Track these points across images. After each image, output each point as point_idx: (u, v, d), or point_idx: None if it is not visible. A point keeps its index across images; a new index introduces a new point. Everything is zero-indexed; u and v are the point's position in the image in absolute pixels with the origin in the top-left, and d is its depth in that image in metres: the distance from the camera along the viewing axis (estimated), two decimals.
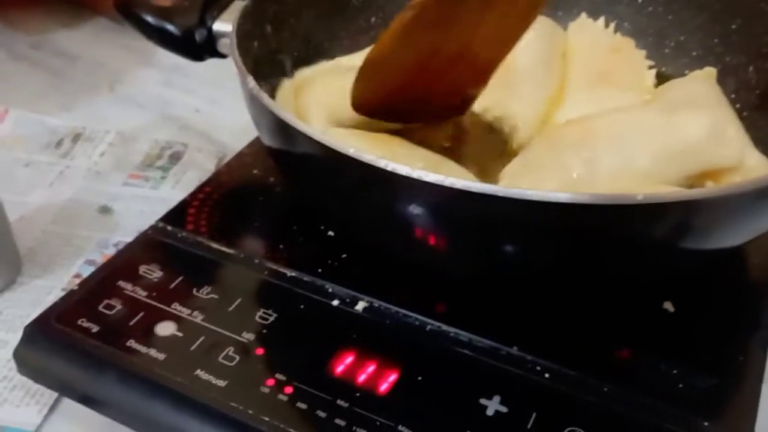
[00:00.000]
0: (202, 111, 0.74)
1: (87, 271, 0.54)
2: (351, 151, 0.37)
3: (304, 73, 0.57)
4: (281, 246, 0.49)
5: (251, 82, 0.43)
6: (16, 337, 0.46)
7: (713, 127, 0.46)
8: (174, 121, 0.73)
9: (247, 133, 0.59)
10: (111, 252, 0.56)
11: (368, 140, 0.46)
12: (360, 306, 0.45)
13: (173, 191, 0.63)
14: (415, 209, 0.39)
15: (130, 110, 0.74)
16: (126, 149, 0.68)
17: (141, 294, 0.46)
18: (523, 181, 0.47)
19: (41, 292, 0.54)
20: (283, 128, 0.41)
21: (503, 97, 0.54)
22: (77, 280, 0.49)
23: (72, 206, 0.62)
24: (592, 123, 0.48)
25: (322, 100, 0.52)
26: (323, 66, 0.58)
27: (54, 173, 0.65)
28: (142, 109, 0.74)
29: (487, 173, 0.50)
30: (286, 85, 0.54)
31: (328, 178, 0.42)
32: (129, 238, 0.52)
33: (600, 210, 0.35)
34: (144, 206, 0.61)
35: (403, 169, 0.36)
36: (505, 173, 0.48)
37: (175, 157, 0.67)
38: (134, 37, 0.80)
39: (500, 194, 0.35)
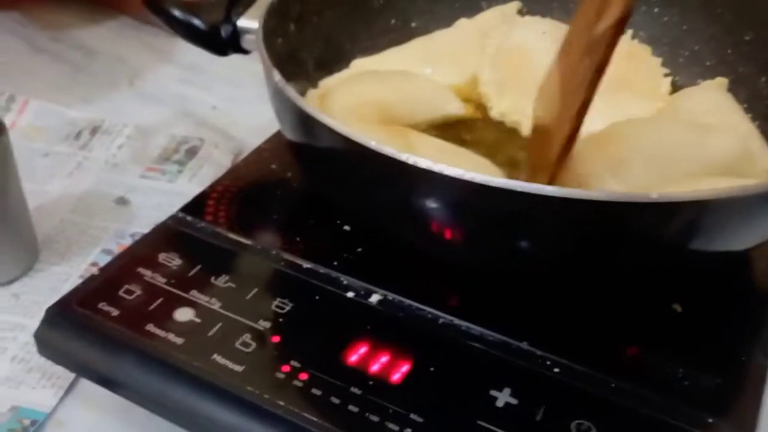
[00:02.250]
0: (218, 108, 0.75)
1: (103, 260, 0.55)
2: (372, 143, 0.38)
3: (328, 83, 0.58)
4: (298, 238, 0.50)
5: (277, 75, 0.44)
6: (32, 321, 0.47)
7: (741, 147, 0.47)
8: (191, 117, 0.74)
9: (263, 131, 0.60)
10: (127, 242, 0.58)
11: (388, 133, 0.47)
12: (374, 298, 0.46)
13: (189, 185, 0.64)
14: (433, 203, 0.40)
15: (149, 105, 0.75)
16: (143, 143, 0.69)
17: (160, 281, 0.46)
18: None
19: (58, 278, 0.55)
20: (306, 121, 0.42)
21: (520, 100, 0.55)
22: (93, 269, 0.50)
23: (89, 197, 0.63)
24: (625, 143, 0.48)
25: (346, 105, 0.53)
26: (345, 74, 0.60)
27: (72, 164, 0.66)
28: (160, 105, 0.75)
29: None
30: (311, 94, 0.55)
31: (348, 171, 0.43)
32: (145, 229, 0.52)
33: (615, 207, 0.36)
34: (160, 199, 0.63)
35: (423, 163, 0.37)
36: None
37: (192, 152, 0.68)
38: (154, 34, 0.82)
39: (518, 189, 0.35)
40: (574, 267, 0.42)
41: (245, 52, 0.54)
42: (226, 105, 0.75)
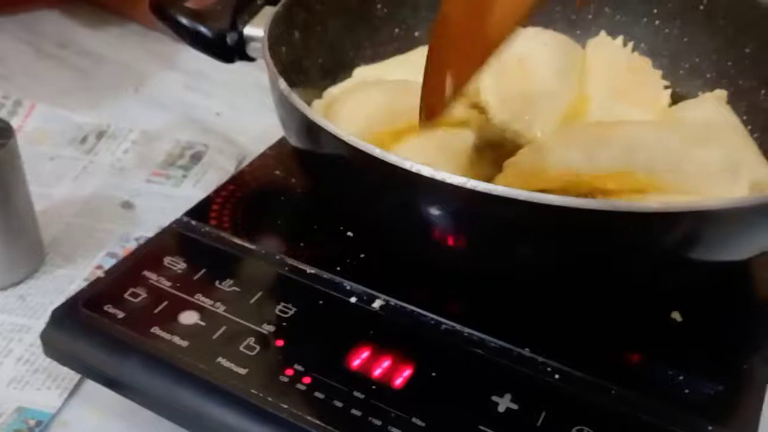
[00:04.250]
0: (222, 114, 0.76)
1: (108, 263, 0.56)
2: (377, 151, 0.38)
3: (332, 92, 0.58)
4: (301, 244, 0.51)
5: (282, 83, 0.44)
6: (38, 323, 0.48)
7: (724, 166, 0.47)
8: (195, 123, 0.74)
9: (266, 137, 0.61)
10: (132, 246, 0.58)
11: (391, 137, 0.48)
12: (377, 304, 0.46)
13: (194, 190, 0.64)
14: (436, 210, 0.40)
15: (153, 111, 0.76)
16: (149, 148, 0.70)
17: (165, 284, 0.47)
18: (524, 159, 0.48)
19: (63, 281, 0.55)
20: (311, 128, 0.43)
21: (521, 110, 0.55)
22: (98, 271, 0.50)
23: (95, 200, 0.63)
24: (611, 130, 0.49)
25: (351, 116, 0.53)
26: (348, 83, 0.60)
27: (78, 168, 0.67)
28: (165, 110, 0.76)
29: None
30: (315, 105, 0.56)
31: (352, 178, 0.44)
32: (150, 233, 0.53)
33: (615, 217, 0.37)
34: (165, 203, 0.63)
35: (426, 171, 0.37)
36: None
37: (196, 158, 0.69)
38: (159, 41, 0.82)
39: (520, 198, 0.36)
40: (574, 274, 0.42)
41: (251, 59, 0.55)
42: (230, 111, 0.76)
